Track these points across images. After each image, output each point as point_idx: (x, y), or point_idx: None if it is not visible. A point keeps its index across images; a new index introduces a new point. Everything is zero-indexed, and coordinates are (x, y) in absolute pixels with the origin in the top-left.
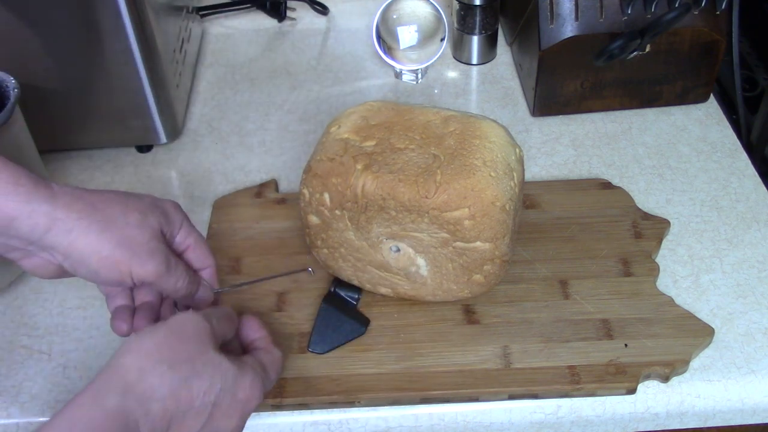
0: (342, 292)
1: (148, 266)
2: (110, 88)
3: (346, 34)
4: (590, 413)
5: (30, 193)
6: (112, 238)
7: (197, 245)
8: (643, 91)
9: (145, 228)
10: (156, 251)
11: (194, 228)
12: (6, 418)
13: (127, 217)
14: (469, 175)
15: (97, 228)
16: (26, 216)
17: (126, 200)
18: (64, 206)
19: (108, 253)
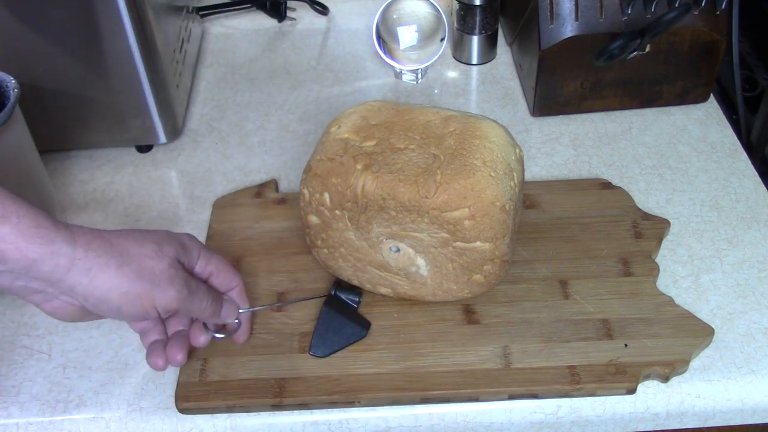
0: (342, 295)
1: (170, 293)
2: (110, 88)
3: (346, 34)
4: (590, 413)
5: (50, 235)
6: (130, 272)
7: (220, 270)
8: (643, 91)
9: (162, 257)
10: (175, 277)
11: (213, 254)
12: (6, 418)
13: (143, 249)
14: (469, 175)
15: (115, 263)
16: (47, 258)
17: (141, 234)
18: (83, 246)
19: (128, 287)
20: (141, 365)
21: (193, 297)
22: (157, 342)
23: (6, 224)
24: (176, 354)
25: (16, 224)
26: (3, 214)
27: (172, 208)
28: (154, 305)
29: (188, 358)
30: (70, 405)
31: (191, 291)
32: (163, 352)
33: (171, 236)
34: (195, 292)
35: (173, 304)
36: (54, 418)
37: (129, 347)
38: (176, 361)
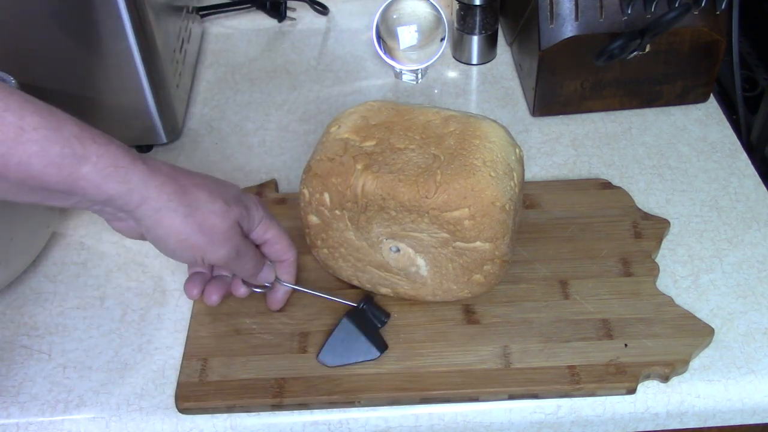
0: (370, 312)
1: (220, 253)
2: (110, 88)
3: (346, 34)
4: (590, 413)
5: (128, 173)
6: (194, 223)
7: (276, 240)
8: (643, 91)
9: (226, 218)
10: (229, 240)
11: (275, 223)
12: (6, 418)
13: (212, 204)
14: (469, 175)
15: (183, 212)
16: (123, 194)
17: (215, 188)
18: (157, 187)
19: (187, 236)
20: (141, 365)
21: (239, 260)
22: (198, 273)
23: (87, 164)
24: (212, 294)
25: (95, 163)
26: (84, 154)
27: None
28: (203, 257)
29: (188, 359)
30: (70, 405)
31: (239, 255)
32: (201, 285)
33: (240, 198)
34: (243, 256)
35: (220, 261)
36: (54, 418)
37: (129, 347)
38: (210, 300)
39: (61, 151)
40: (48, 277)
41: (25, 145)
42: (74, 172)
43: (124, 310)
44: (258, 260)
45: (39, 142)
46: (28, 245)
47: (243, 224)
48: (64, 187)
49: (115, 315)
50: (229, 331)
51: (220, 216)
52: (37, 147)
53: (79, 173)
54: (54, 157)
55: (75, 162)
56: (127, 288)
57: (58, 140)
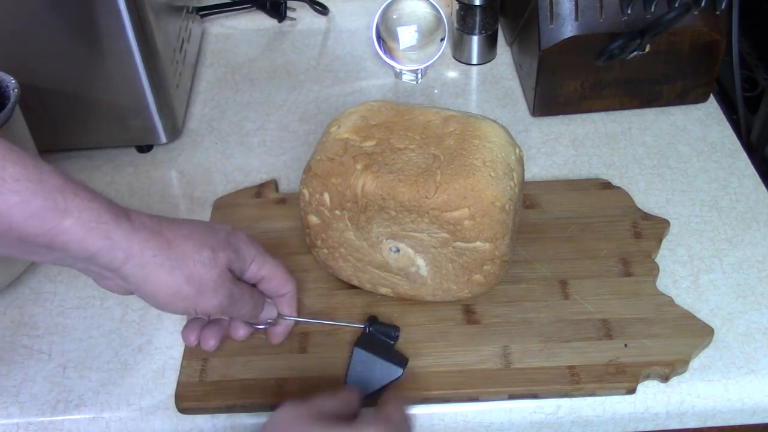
0: (378, 332)
1: (212, 303)
2: (110, 89)
3: (346, 34)
4: (590, 413)
5: (111, 229)
6: (180, 276)
7: (272, 276)
8: (643, 91)
9: (214, 266)
10: (221, 287)
11: (269, 258)
12: (6, 418)
13: (199, 255)
14: (469, 175)
15: (169, 265)
16: (106, 251)
17: (202, 236)
18: (141, 242)
19: (176, 290)
20: (141, 365)
21: (234, 305)
22: (197, 320)
23: (69, 217)
24: (210, 339)
25: (78, 218)
26: (66, 207)
27: (172, 209)
28: (195, 308)
29: (188, 359)
30: (70, 405)
31: (234, 300)
32: (199, 331)
33: (228, 241)
34: (238, 300)
35: (214, 311)
36: (54, 418)
37: (129, 347)
38: (208, 345)
39: (43, 204)
40: (48, 277)
41: (6, 196)
42: (56, 225)
43: (124, 310)
44: (256, 301)
45: (21, 194)
46: None
47: (234, 267)
48: (44, 241)
49: (115, 315)
50: None
51: (207, 266)
52: (18, 198)
53: (61, 227)
54: (36, 209)
55: (57, 215)
56: None
57: (40, 192)
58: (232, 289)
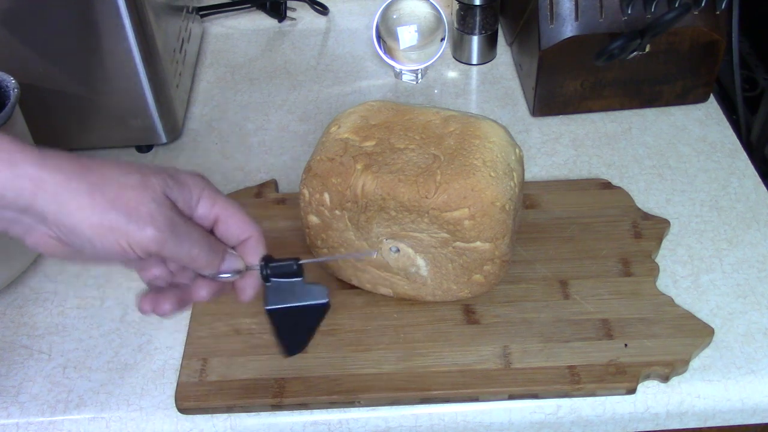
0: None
1: (147, 232)
2: (110, 88)
3: (346, 34)
4: (590, 413)
5: (14, 158)
6: (103, 201)
7: (229, 215)
8: (643, 91)
9: (146, 189)
10: (157, 214)
11: (222, 196)
12: (6, 418)
13: (125, 177)
14: (469, 175)
15: (87, 189)
16: (10, 181)
17: (127, 163)
18: (53, 168)
19: (99, 218)
20: (141, 365)
21: (178, 242)
22: (155, 290)
23: None
24: (163, 303)
25: None
26: None
27: None
28: (128, 242)
29: (188, 359)
30: (70, 405)
31: (176, 234)
32: (155, 299)
33: (165, 170)
34: (182, 236)
35: (151, 245)
36: (54, 418)
37: (129, 347)
38: (162, 310)
39: None
40: (48, 277)
41: None
42: None
43: (124, 310)
44: (212, 245)
45: None
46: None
47: (176, 198)
48: None
49: (115, 315)
50: (229, 331)
51: (136, 189)
52: None
53: None
54: None
55: None
56: (127, 288)
57: None
58: (174, 219)
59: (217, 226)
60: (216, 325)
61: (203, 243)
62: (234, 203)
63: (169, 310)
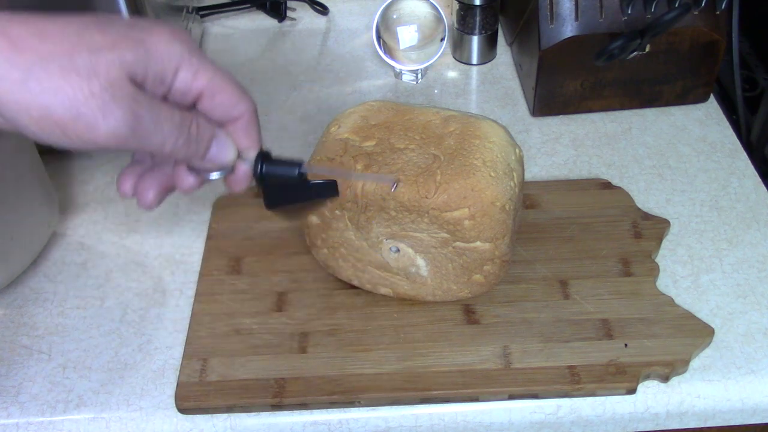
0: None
1: (102, 128)
2: None
3: (346, 34)
4: (590, 413)
5: None
6: (40, 91)
7: (217, 88)
8: (643, 91)
9: (95, 76)
10: (113, 107)
11: (206, 64)
12: (6, 418)
13: (68, 59)
14: (469, 175)
15: (19, 78)
16: None
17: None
18: None
19: (42, 113)
20: (141, 365)
21: (144, 135)
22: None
23: None
24: (147, 190)
25: None
26: None
27: (172, 208)
28: (81, 141)
29: (188, 359)
30: (70, 405)
31: (141, 127)
32: (135, 178)
33: (129, 36)
34: (149, 127)
35: (108, 142)
36: (54, 418)
37: (129, 347)
38: (146, 199)
39: None
40: (48, 277)
41: None
42: None
43: (124, 310)
44: (190, 134)
45: None
46: (28, 245)
47: (143, 74)
48: None
49: (115, 315)
50: (229, 331)
51: (82, 74)
52: None
53: None
54: None
55: None
56: (127, 288)
57: None
58: (136, 107)
59: (202, 101)
60: (216, 325)
61: (180, 129)
62: (223, 72)
63: (152, 198)
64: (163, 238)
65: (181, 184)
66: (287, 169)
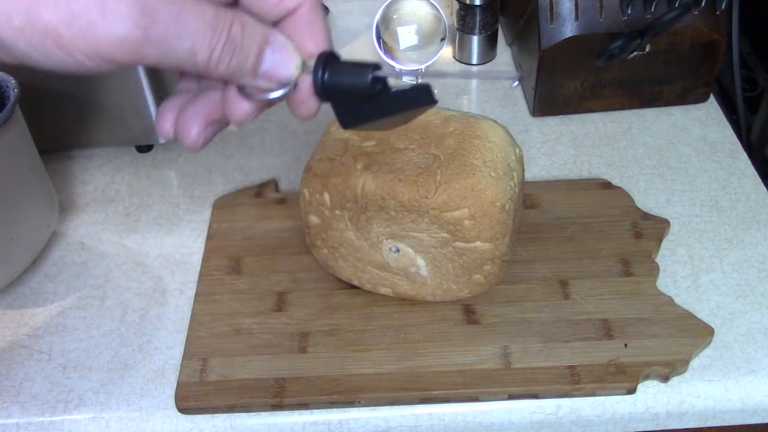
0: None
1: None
2: (110, 88)
3: (346, 34)
4: (590, 413)
5: None
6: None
7: None
8: (643, 91)
9: None
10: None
11: None
12: (6, 418)
13: None
14: (469, 175)
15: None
16: None
17: None
18: None
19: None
20: (141, 365)
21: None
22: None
23: None
24: (190, 125)
25: None
26: None
27: (172, 208)
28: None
29: (188, 359)
30: (70, 405)
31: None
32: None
33: None
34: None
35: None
36: (54, 418)
37: (129, 347)
38: (189, 136)
39: None
40: (48, 277)
41: None
42: None
43: (124, 310)
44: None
45: None
46: (28, 245)
47: None
48: None
49: (115, 315)
50: (229, 331)
51: None
52: None
53: None
54: None
55: None
56: (127, 288)
57: None
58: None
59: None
60: (216, 325)
61: (216, 31)
62: None
63: (196, 135)
64: (163, 238)
65: (231, 112)
66: (357, 76)
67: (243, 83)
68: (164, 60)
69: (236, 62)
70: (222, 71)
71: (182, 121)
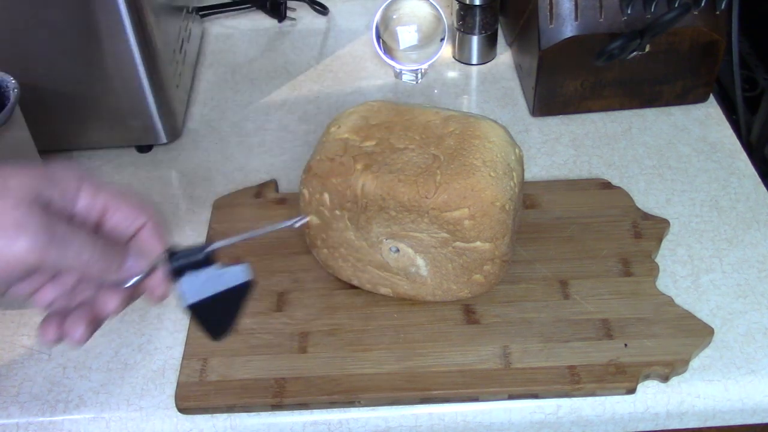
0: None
1: (19, 243)
2: (110, 89)
3: (346, 34)
4: (590, 413)
5: None
6: None
7: (118, 204)
8: (643, 91)
9: (6, 197)
10: (26, 221)
11: (105, 184)
12: (6, 418)
13: None
14: (469, 175)
15: None
16: None
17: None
18: None
19: None
20: (141, 365)
21: (62, 247)
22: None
23: None
24: (76, 326)
25: None
26: None
27: (172, 208)
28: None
29: (188, 359)
30: (70, 405)
31: (57, 238)
32: (58, 322)
33: (29, 168)
34: (64, 239)
35: (29, 257)
36: (54, 418)
37: (129, 347)
38: (76, 335)
39: None
40: None
41: None
42: None
43: (124, 310)
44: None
45: None
46: None
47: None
48: None
49: None
50: None
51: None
52: None
53: None
54: None
55: None
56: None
57: None
58: (49, 222)
59: (106, 219)
60: None
61: (93, 243)
62: (120, 189)
63: (82, 334)
64: None
65: (104, 309)
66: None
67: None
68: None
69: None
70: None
71: (68, 327)
